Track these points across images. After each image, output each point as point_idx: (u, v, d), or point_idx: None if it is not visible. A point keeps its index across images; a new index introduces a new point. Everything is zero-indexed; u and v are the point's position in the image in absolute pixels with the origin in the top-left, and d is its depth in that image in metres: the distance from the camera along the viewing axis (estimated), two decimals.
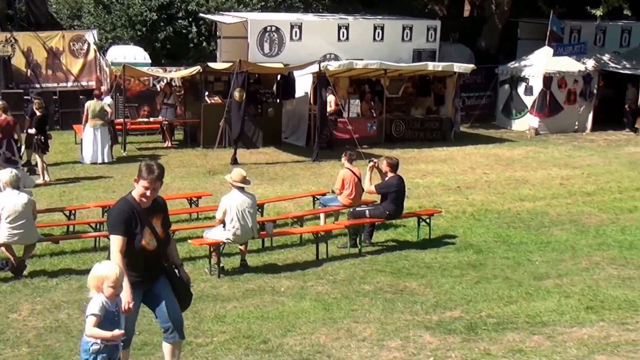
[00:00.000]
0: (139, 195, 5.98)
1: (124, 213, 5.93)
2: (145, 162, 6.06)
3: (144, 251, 5.96)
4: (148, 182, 5.93)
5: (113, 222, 5.96)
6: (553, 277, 9.70)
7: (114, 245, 5.88)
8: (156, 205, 6.15)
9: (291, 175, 16.47)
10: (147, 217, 6.01)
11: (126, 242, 5.87)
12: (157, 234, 6.04)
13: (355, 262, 10.41)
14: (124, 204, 6.01)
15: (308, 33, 22.56)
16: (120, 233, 5.86)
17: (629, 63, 23.70)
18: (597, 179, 16.52)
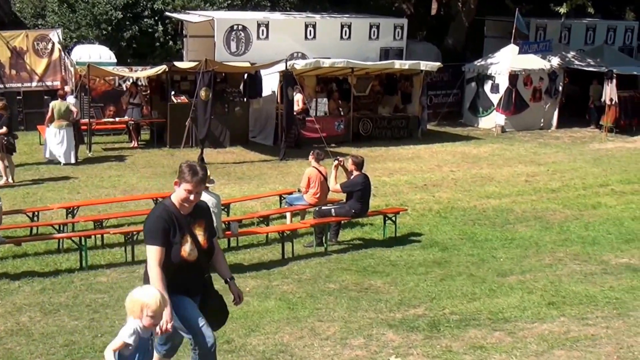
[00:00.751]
0: (180, 200, 5.42)
1: (162, 220, 5.36)
2: (188, 163, 5.49)
3: (184, 263, 5.41)
4: (192, 185, 5.36)
5: (150, 230, 5.35)
6: (517, 273, 9.80)
7: (151, 256, 5.30)
8: (198, 211, 5.58)
9: (258, 174, 16.43)
10: (188, 224, 5.45)
11: (164, 252, 5.32)
12: (198, 243, 5.48)
13: (321, 261, 10.41)
14: (162, 210, 5.44)
15: (275, 32, 22.50)
16: (159, 243, 5.29)
17: (594, 60, 23.99)
18: (561, 176, 16.71)
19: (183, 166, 5.45)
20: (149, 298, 4.66)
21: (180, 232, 5.39)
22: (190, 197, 5.40)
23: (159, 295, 4.70)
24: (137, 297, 4.71)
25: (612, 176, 16.63)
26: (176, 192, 5.45)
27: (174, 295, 5.30)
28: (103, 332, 7.66)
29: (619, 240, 11.50)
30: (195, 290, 5.64)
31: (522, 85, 23.03)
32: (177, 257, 5.38)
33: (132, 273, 9.78)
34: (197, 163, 5.55)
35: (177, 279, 5.37)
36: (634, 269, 9.98)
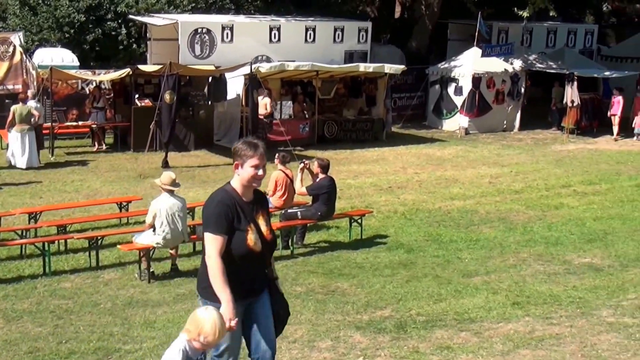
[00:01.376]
0: (248, 180, 4.95)
1: (224, 206, 4.88)
2: (243, 140, 5.05)
3: (250, 254, 4.94)
4: (258, 158, 4.92)
5: (210, 217, 4.89)
6: (481, 274, 9.88)
7: (211, 247, 4.82)
8: (259, 198, 5.19)
9: (223, 177, 16.32)
10: (251, 211, 5.01)
11: (225, 243, 4.85)
12: (262, 233, 5.03)
13: (287, 264, 10.40)
14: (223, 195, 4.96)
15: (239, 35, 22.44)
16: (220, 231, 4.82)
17: (555, 63, 24.32)
18: (524, 177, 16.90)
19: (238, 145, 5.01)
20: (210, 327, 4.26)
21: (245, 220, 4.94)
22: (259, 172, 4.95)
23: (219, 326, 4.27)
24: (199, 319, 4.31)
25: (574, 177, 16.87)
26: (239, 175, 4.97)
27: (237, 300, 4.79)
28: (67, 339, 7.57)
29: (581, 240, 11.67)
30: (260, 286, 5.16)
31: (485, 88, 23.26)
32: (243, 246, 4.91)
33: (96, 278, 9.68)
34: (250, 138, 5.18)
35: (241, 273, 4.89)
36: (596, 268, 10.13)
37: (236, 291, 4.77)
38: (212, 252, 4.82)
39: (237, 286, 4.80)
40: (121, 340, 7.53)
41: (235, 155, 5.00)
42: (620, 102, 21.94)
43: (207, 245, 4.86)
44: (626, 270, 9.99)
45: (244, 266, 4.94)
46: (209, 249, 4.83)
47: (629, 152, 20.34)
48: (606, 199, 14.66)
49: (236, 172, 5.00)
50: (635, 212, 13.61)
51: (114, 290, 9.28)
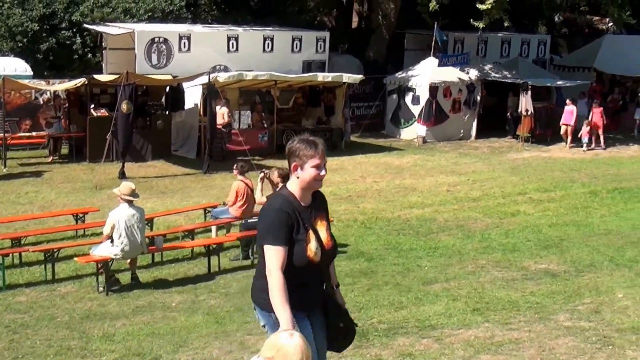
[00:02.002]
0: (309, 182, 4.50)
1: (284, 214, 4.41)
2: (300, 139, 4.59)
3: (309, 266, 4.47)
4: (319, 157, 4.48)
5: (269, 226, 4.41)
6: (441, 281, 9.95)
7: (272, 259, 4.34)
8: (319, 201, 4.69)
9: (181, 188, 16.24)
10: (309, 217, 4.53)
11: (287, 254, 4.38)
12: (321, 241, 4.53)
13: (247, 274, 10.32)
14: (282, 202, 4.49)
15: (197, 44, 22.35)
16: (281, 242, 4.35)
17: (509, 72, 24.69)
18: (481, 185, 17.09)
19: (295, 144, 4.53)
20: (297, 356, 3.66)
21: (304, 227, 4.45)
22: (322, 172, 4.50)
23: (307, 354, 3.70)
24: (280, 347, 3.72)
25: (530, 185, 17.12)
26: (299, 177, 4.50)
27: (295, 315, 4.33)
28: (24, 354, 7.42)
29: (537, 246, 11.83)
30: (317, 301, 4.69)
31: (442, 97, 23.50)
32: (302, 258, 4.43)
33: (52, 292, 9.52)
34: (306, 134, 4.72)
35: (297, 286, 4.38)
36: (552, 274, 10.28)
37: (293, 305, 4.30)
38: (273, 266, 4.31)
39: (293, 301, 4.31)
40: (79, 354, 7.41)
41: (292, 156, 4.52)
42: (573, 112, 22.28)
43: (268, 259, 4.37)
44: (581, 276, 10.15)
45: (302, 279, 4.46)
46: (270, 263, 4.34)
47: (581, 160, 20.72)
48: (561, 206, 14.90)
49: (294, 174, 4.52)
50: (589, 218, 13.86)
51: (71, 303, 9.13)
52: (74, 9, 24.37)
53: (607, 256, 11.06)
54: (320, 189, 4.68)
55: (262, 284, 4.50)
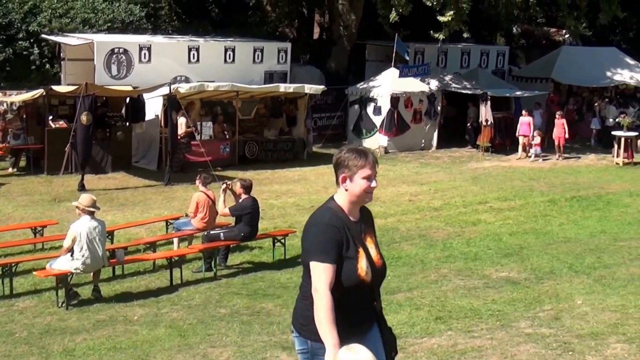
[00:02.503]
0: (359, 194, 4.21)
1: (333, 229, 4.11)
2: (348, 148, 4.34)
3: (360, 286, 4.14)
4: (370, 167, 4.20)
5: (317, 242, 4.09)
6: (404, 290, 10.00)
7: (319, 277, 4.00)
8: (366, 216, 4.42)
9: (142, 200, 16.09)
10: (359, 232, 4.24)
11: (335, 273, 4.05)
12: (372, 258, 4.23)
13: (210, 286, 10.29)
14: (330, 216, 4.18)
15: (157, 55, 22.20)
16: (330, 259, 4.03)
17: (469, 83, 24.97)
18: (443, 195, 17.23)
19: (344, 154, 4.27)
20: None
21: (354, 244, 4.15)
22: (373, 184, 4.22)
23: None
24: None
25: (490, 194, 17.30)
26: (348, 189, 4.22)
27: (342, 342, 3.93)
28: None
29: (498, 254, 11.95)
30: (367, 324, 4.33)
31: (403, 107, 23.66)
32: (353, 277, 4.11)
33: (10, 307, 9.36)
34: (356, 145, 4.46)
35: (346, 308, 4.06)
36: (513, 281, 10.39)
37: (341, 330, 3.94)
38: (320, 285, 3.98)
39: (342, 324, 3.97)
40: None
41: (340, 167, 4.26)
42: (530, 123, 22.50)
43: (314, 277, 4.03)
44: (541, 283, 10.28)
45: (352, 300, 4.11)
46: (317, 282, 4.00)
47: (540, 169, 21.02)
48: (521, 215, 15.08)
49: (343, 186, 4.25)
50: (548, 226, 14.06)
51: (29, 318, 8.97)
52: (32, 19, 24.07)
53: (566, 263, 11.22)
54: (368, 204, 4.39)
55: (304, 305, 4.20)
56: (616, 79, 26.98)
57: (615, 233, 13.42)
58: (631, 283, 9.87)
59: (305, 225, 4.30)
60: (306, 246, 4.19)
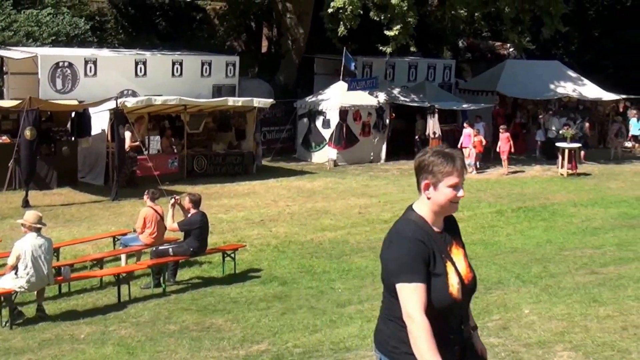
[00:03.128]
0: (444, 204, 3.75)
1: (418, 244, 3.65)
2: (434, 151, 3.87)
3: (452, 305, 3.68)
4: (457, 174, 3.74)
5: (402, 260, 3.62)
6: (355, 303, 10.01)
7: (410, 300, 3.54)
8: (450, 225, 3.92)
9: (89, 216, 15.82)
10: (444, 246, 3.77)
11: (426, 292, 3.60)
12: (461, 273, 3.75)
13: (159, 302, 10.16)
14: (413, 228, 3.71)
15: (103, 68, 21.94)
16: (419, 278, 3.57)
17: (417, 96, 25.25)
18: (392, 207, 17.32)
19: (429, 157, 3.82)
20: None
21: (441, 258, 3.70)
22: (460, 193, 3.75)
23: None
24: None
25: None
26: (431, 198, 3.77)
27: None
28: None
29: None
30: (461, 345, 3.86)
31: (352, 120, 23.80)
32: (444, 296, 3.64)
33: None
34: (439, 147, 3.96)
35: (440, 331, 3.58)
36: None
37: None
38: (413, 309, 3.52)
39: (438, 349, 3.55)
40: None
41: (423, 172, 3.82)
42: (471, 135, 22.76)
43: (405, 301, 3.57)
44: (489, 293, 10.39)
45: (444, 322, 3.64)
46: (409, 305, 3.54)
47: (487, 181, 21.33)
48: (469, 226, 15.25)
49: (425, 194, 3.79)
50: (496, 237, 14.25)
51: None
52: None
53: (513, 273, 11.37)
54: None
55: (395, 326, 3.73)
56: (559, 92, 27.60)
57: (560, 243, 13.67)
58: (576, 292, 10.05)
59: (385, 242, 3.80)
60: (388, 265, 3.70)
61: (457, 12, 25.29)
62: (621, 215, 16.22)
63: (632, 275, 10.48)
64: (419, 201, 3.84)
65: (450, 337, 3.71)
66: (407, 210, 3.88)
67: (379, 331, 3.88)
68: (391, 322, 3.76)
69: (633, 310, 8.69)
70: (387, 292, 3.79)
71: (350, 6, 22.37)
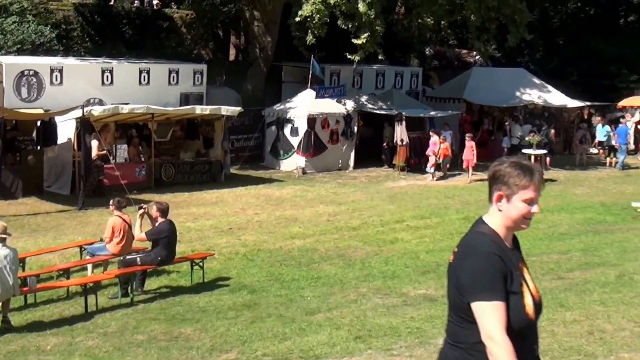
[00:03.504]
0: (516, 219, 3.53)
1: (495, 259, 3.42)
2: (511, 161, 3.59)
3: (529, 326, 3.48)
4: (534, 189, 3.50)
5: (480, 276, 3.39)
6: (324, 310, 10.02)
7: (490, 320, 3.32)
8: (516, 241, 3.74)
9: (55, 225, 15.65)
10: (516, 263, 3.56)
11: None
12: (531, 291, 3.55)
13: (127, 312, 10.08)
14: (489, 243, 3.48)
15: (70, 77, 21.74)
16: (499, 296, 3.35)
17: (384, 104, 25.39)
18: (361, 214, 17.39)
19: (505, 168, 3.54)
20: None
21: (517, 277, 3.48)
22: (534, 209, 3.52)
23: None
24: None
25: (407, 212, 17.57)
26: (503, 210, 3.54)
27: None
28: None
29: (416, 272, 12.13)
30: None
31: (320, 128, 23.85)
32: (523, 317, 3.44)
33: None
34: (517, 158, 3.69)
35: (520, 348, 3.39)
36: (431, 299, 10.55)
37: None
38: (494, 329, 3.29)
39: None
40: None
41: (497, 182, 3.56)
42: (436, 143, 22.88)
43: (484, 321, 3.33)
44: None
45: (521, 343, 3.40)
46: (490, 326, 3.30)
47: (454, 187, 21.50)
48: (437, 232, 15.37)
49: (497, 205, 3.56)
50: None
51: None
52: None
53: None
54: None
55: (457, 356, 3.53)
56: (525, 99, 27.94)
57: (527, 248, 13.78)
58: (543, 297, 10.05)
59: (458, 255, 3.56)
60: (463, 283, 3.44)
61: (423, 21, 25.51)
62: (587, 220, 16.45)
63: (598, 280, 10.64)
64: (489, 214, 3.61)
65: (527, 359, 3.50)
66: (477, 223, 3.64)
67: (444, 358, 3.64)
68: (458, 349, 3.53)
69: (599, 314, 8.82)
70: (454, 313, 3.55)
71: (317, 15, 22.46)
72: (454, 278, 3.52)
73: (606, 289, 10.26)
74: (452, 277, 3.53)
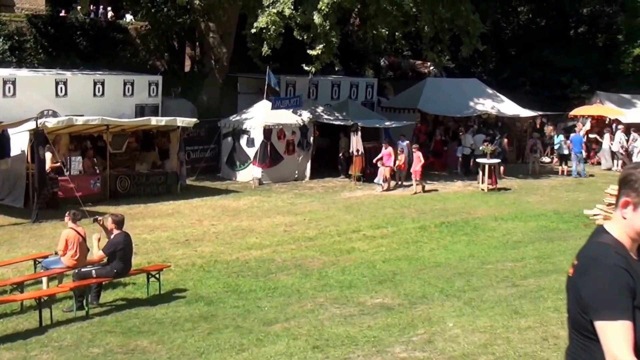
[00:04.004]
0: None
1: (622, 273, 3.10)
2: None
3: None
4: None
5: (605, 292, 3.08)
6: (281, 321, 10.04)
7: (616, 341, 3.02)
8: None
9: (8, 239, 15.39)
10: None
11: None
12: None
13: (82, 326, 9.97)
14: (613, 255, 3.15)
15: (23, 89, 21.44)
16: (626, 314, 3.05)
17: (340, 114, 25.53)
18: (317, 224, 17.45)
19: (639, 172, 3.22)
20: None
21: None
22: None
23: None
24: None
25: (363, 222, 17.69)
26: (628, 218, 3.22)
27: None
28: None
29: (373, 282, 12.22)
30: None
31: (276, 139, 23.89)
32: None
33: None
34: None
35: None
36: (387, 307, 10.65)
37: None
38: (620, 351, 3.01)
39: None
40: None
41: (626, 187, 3.23)
42: (391, 154, 22.97)
43: (609, 341, 3.05)
44: (414, 308, 10.58)
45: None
46: (615, 347, 3.02)
47: (410, 197, 21.70)
48: (393, 242, 15.51)
49: (621, 212, 3.24)
50: (420, 252, 14.52)
51: None
52: None
53: (437, 287, 11.60)
54: None
55: None
56: (479, 109, 28.35)
57: (482, 257, 14.02)
58: (498, 304, 10.32)
59: (578, 269, 3.25)
60: (587, 299, 3.14)
61: (378, 32, 25.74)
62: (540, 228, 16.75)
63: (552, 287, 10.83)
64: (612, 221, 3.31)
65: None
66: (597, 231, 3.32)
67: None
68: None
69: (553, 321, 8.99)
70: (576, 331, 3.26)
71: (273, 26, 22.52)
72: (574, 293, 3.23)
73: (560, 295, 10.44)
74: (573, 292, 3.24)
